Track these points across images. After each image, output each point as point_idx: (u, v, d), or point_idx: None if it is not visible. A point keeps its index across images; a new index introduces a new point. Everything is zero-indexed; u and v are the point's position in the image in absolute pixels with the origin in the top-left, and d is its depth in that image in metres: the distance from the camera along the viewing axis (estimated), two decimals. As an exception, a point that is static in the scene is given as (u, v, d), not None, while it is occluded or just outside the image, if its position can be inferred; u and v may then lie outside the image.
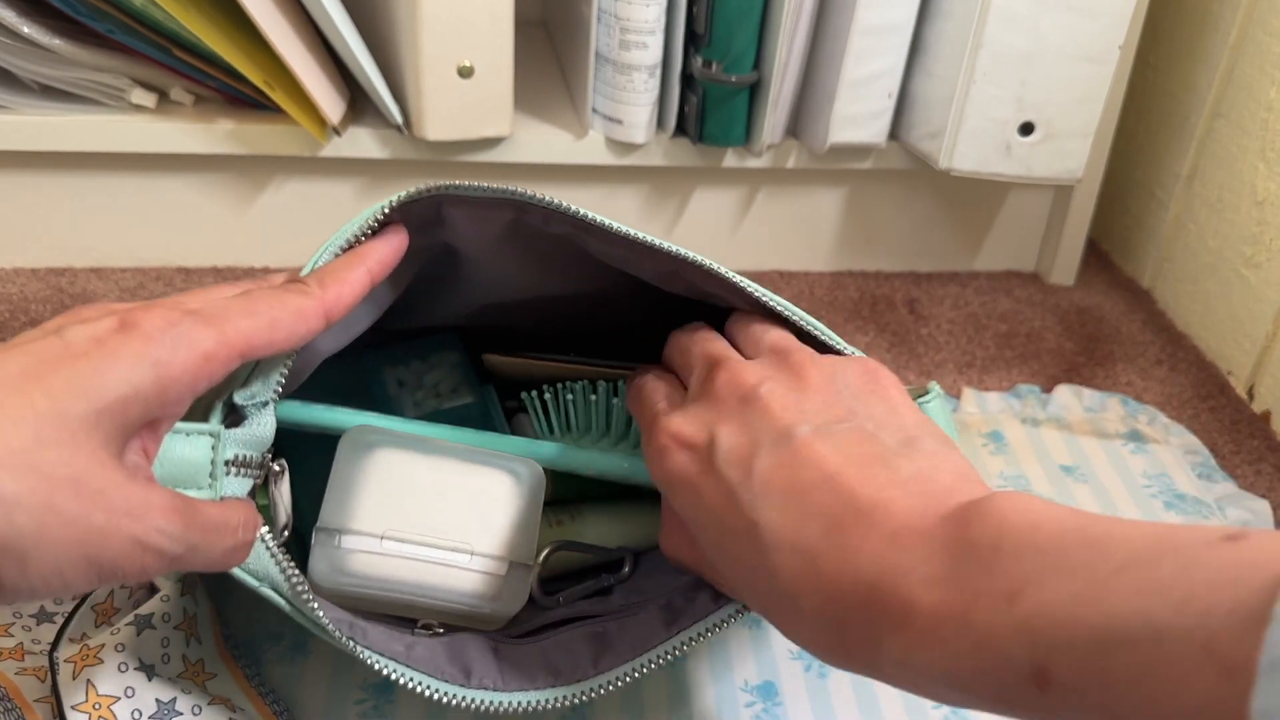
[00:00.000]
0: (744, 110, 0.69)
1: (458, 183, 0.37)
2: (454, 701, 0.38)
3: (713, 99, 0.68)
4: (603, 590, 0.45)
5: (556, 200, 0.38)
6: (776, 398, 0.35)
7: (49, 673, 0.39)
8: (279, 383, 0.35)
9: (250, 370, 0.35)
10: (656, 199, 0.76)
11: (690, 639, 0.39)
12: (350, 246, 0.37)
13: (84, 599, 0.41)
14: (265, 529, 0.36)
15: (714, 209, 0.77)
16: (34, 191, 0.69)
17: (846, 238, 0.79)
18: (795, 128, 0.73)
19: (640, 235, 0.38)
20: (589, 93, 0.69)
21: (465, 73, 0.64)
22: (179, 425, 0.33)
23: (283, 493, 0.37)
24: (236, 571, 0.35)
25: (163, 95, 0.68)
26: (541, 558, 0.43)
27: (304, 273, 0.36)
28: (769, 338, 0.39)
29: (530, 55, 0.80)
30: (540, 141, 0.70)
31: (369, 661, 0.37)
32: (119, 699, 0.39)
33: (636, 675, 0.39)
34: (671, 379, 0.41)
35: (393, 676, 0.38)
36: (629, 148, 0.71)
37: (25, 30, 0.62)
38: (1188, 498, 0.59)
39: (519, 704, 0.38)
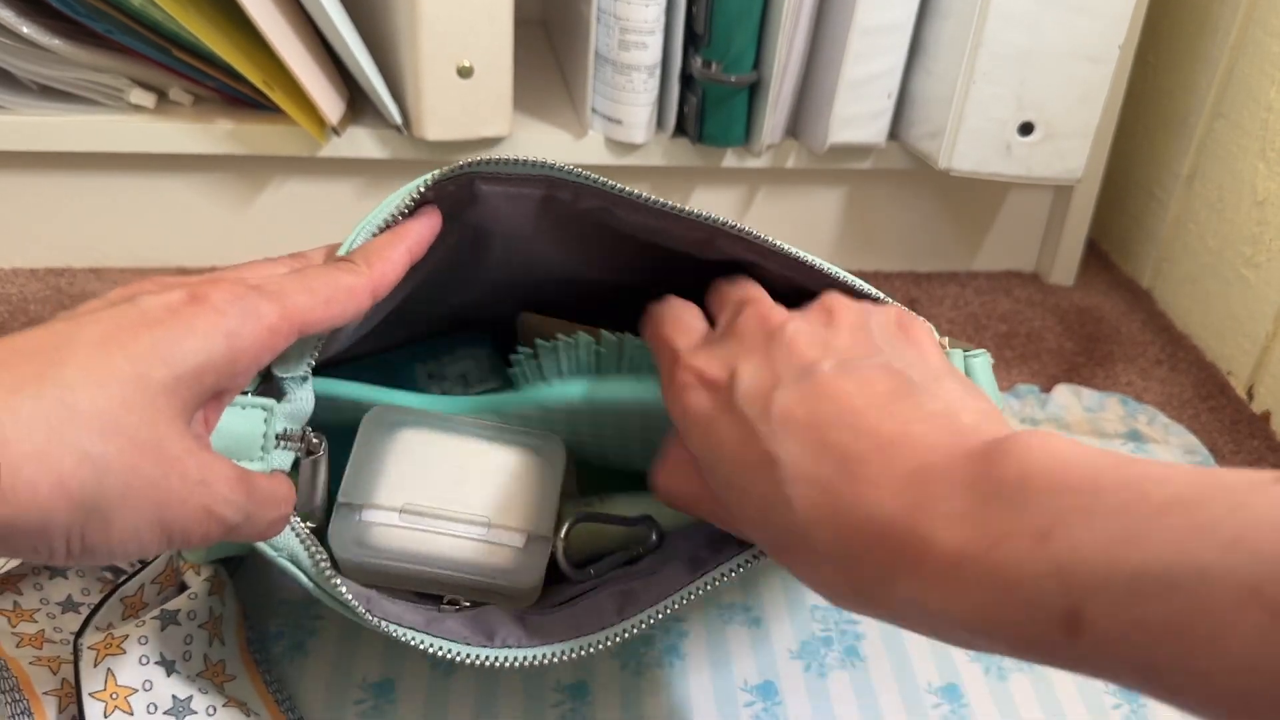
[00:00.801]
0: (743, 110, 0.69)
1: (489, 158, 0.37)
2: (473, 660, 0.38)
3: (712, 99, 0.68)
4: (632, 560, 0.44)
5: (586, 173, 0.38)
6: (803, 334, 0.34)
7: (72, 657, 0.39)
8: (312, 357, 0.36)
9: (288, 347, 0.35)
10: (656, 199, 0.76)
11: (712, 580, 0.38)
12: (387, 226, 0.37)
13: (113, 590, 0.41)
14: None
15: (714, 209, 0.76)
16: (33, 191, 0.69)
17: (846, 238, 0.79)
18: (795, 128, 0.73)
19: (670, 204, 0.39)
20: (588, 93, 0.69)
21: (465, 73, 0.64)
22: (228, 412, 0.33)
23: (320, 471, 0.38)
24: (259, 544, 0.36)
25: (162, 95, 0.68)
26: (565, 530, 0.43)
27: (342, 251, 0.36)
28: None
29: (530, 55, 0.80)
30: (540, 141, 0.70)
31: (391, 632, 0.37)
32: (136, 691, 0.39)
33: (659, 618, 0.38)
34: (694, 308, 0.40)
35: (413, 643, 0.37)
36: (628, 148, 0.71)
37: (24, 30, 0.62)
38: (1188, 498, 0.59)
39: (538, 657, 0.38)
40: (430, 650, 0.38)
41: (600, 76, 0.68)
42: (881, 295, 0.39)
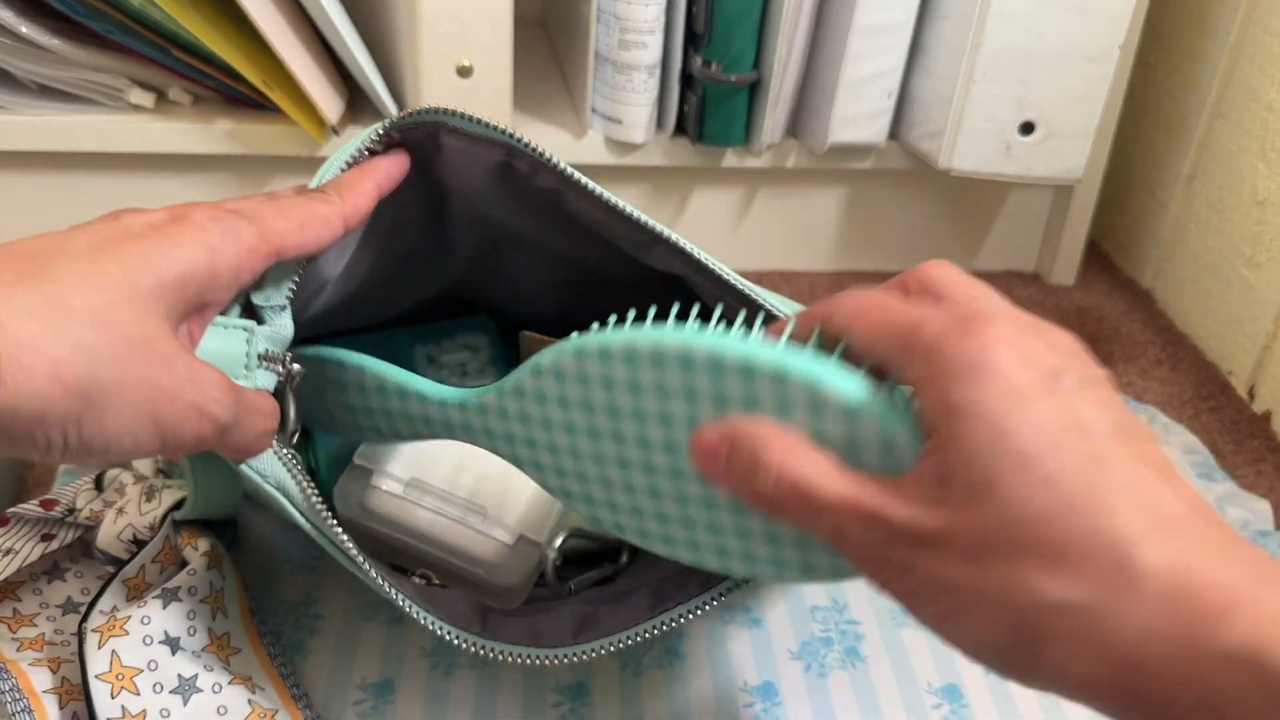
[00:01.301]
0: (744, 110, 0.69)
1: (456, 110, 0.39)
2: (439, 631, 0.39)
3: (712, 98, 0.68)
4: (606, 579, 0.45)
5: (544, 151, 0.39)
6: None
7: (77, 644, 0.40)
8: (291, 288, 0.37)
9: (264, 275, 0.37)
10: (656, 199, 0.75)
11: (670, 620, 0.39)
12: (353, 162, 0.39)
13: (115, 574, 0.42)
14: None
15: (714, 209, 0.77)
16: (32, 191, 0.69)
17: (847, 238, 0.79)
18: (795, 127, 0.73)
19: (618, 202, 0.39)
20: (588, 92, 0.69)
21: (464, 72, 0.64)
22: (218, 319, 0.35)
23: (291, 398, 0.39)
24: (246, 468, 0.37)
25: (161, 95, 0.68)
26: (559, 542, 0.44)
27: (313, 185, 0.38)
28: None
29: (529, 55, 0.80)
30: (539, 141, 0.70)
31: (369, 574, 0.38)
32: (142, 671, 0.40)
33: (611, 650, 0.39)
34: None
35: (380, 585, 0.38)
36: (628, 147, 0.71)
37: (23, 30, 0.62)
38: (1188, 498, 0.59)
39: (491, 649, 0.39)
40: (393, 597, 0.38)
41: (600, 76, 0.68)
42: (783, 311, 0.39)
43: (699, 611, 0.39)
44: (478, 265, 0.49)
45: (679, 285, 0.43)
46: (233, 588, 0.44)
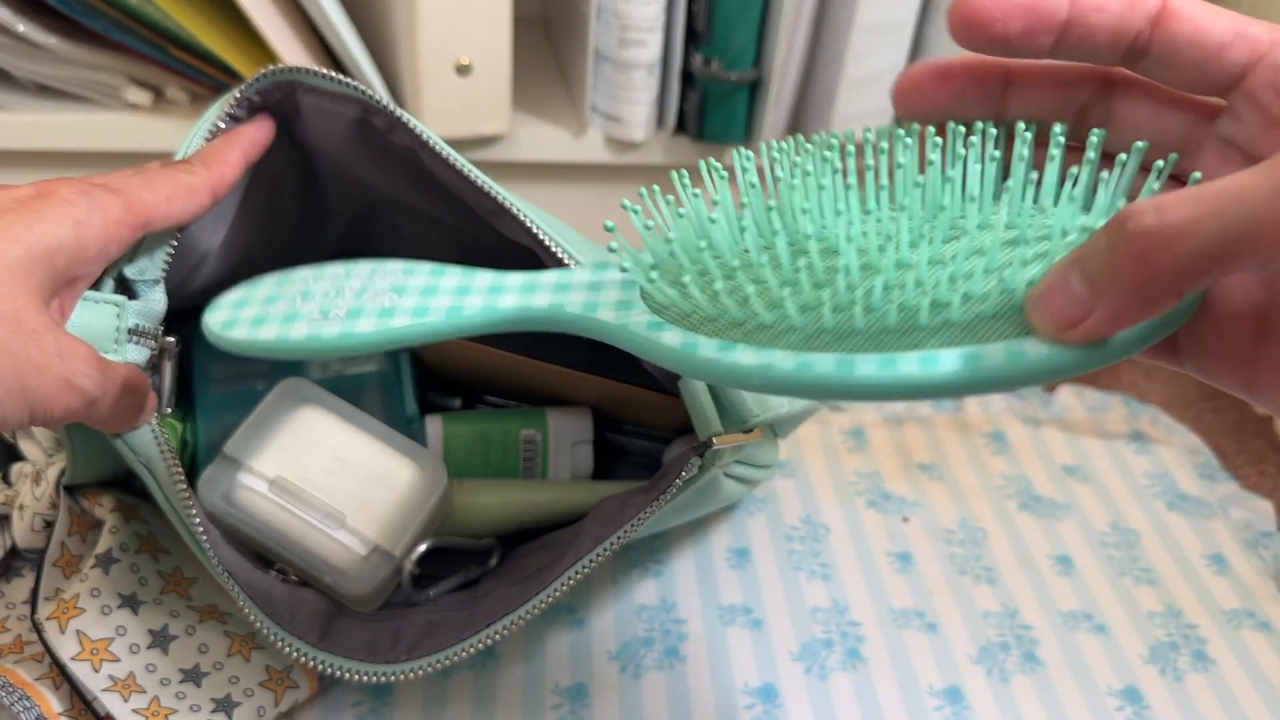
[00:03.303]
0: (744, 108, 0.69)
1: (308, 68, 0.39)
2: (269, 636, 0.38)
3: (713, 96, 0.68)
4: (471, 583, 0.45)
5: (397, 109, 0.39)
6: None
7: (37, 635, 0.40)
8: (165, 262, 0.38)
9: (137, 248, 0.37)
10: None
11: (490, 635, 0.38)
12: (215, 134, 0.39)
13: (40, 562, 0.42)
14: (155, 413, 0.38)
15: (714, 207, 0.76)
16: (30, 190, 0.69)
17: (847, 236, 0.79)
18: (796, 125, 0.72)
19: (465, 166, 0.40)
20: (588, 90, 0.69)
21: (463, 70, 0.64)
22: (88, 294, 0.35)
23: (167, 372, 0.39)
24: (119, 441, 0.37)
25: (158, 93, 0.67)
26: (416, 554, 0.43)
27: (178, 157, 0.39)
28: None
29: (529, 53, 0.80)
30: (539, 139, 0.70)
31: (220, 578, 0.38)
32: (113, 639, 0.40)
33: (439, 665, 0.38)
34: None
35: (231, 593, 0.38)
36: (628, 146, 0.70)
37: (20, 28, 0.61)
38: (1190, 498, 0.59)
39: (322, 662, 0.38)
40: (240, 603, 0.38)
41: (600, 74, 0.68)
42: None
43: (513, 627, 0.39)
44: (359, 229, 0.49)
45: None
46: (159, 524, 0.45)
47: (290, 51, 0.62)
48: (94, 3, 0.61)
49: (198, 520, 0.38)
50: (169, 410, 0.39)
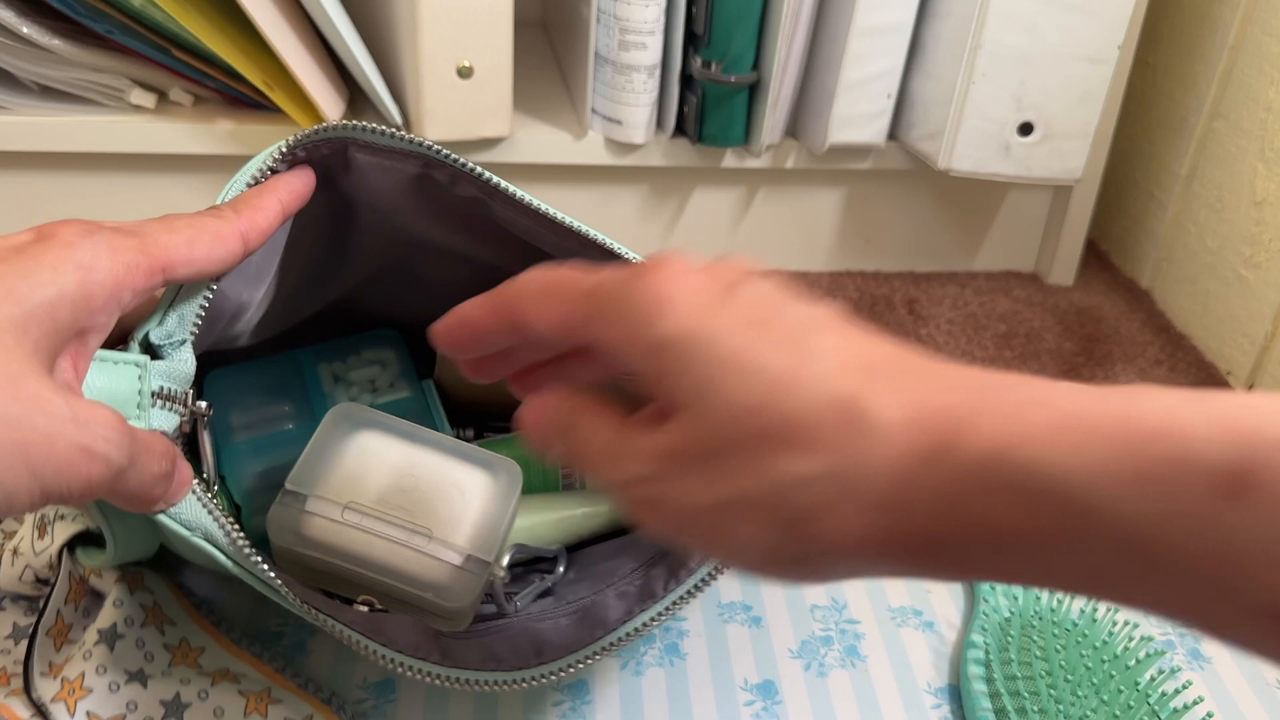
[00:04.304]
0: (743, 110, 0.69)
1: (363, 124, 0.37)
2: (388, 663, 0.37)
3: (712, 99, 0.68)
4: (546, 593, 0.44)
5: (464, 160, 0.38)
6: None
7: (39, 713, 0.38)
8: (195, 323, 0.35)
9: (165, 308, 0.34)
10: (655, 199, 0.76)
11: (610, 642, 0.38)
12: (255, 182, 0.36)
13: (35, 626, 0.40)
14: (196, 480, 0.35)
15: (713, 209, 0.77)
16: (34, 191, 0.69)
17: (846, 238, 0.79)
18: (794, 128, 0.73)
19: (544, 207, 0.38)
20: (588, 93, 0.69)
21: (465, 73, 0.64)
22: (104, 354, 0.32)
23: (206, 441, 0.37)
24: (166, 519, 0.34)
25: (162, 96, 0.68)
26: (507, 560, 0.42)
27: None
28: None
29: (530, 56, 0.80)
30: (539, 142, 0.70)
31: (310, 614, 0.36)
32: (125, 715, 0.39)
33: (570, 671, 0.38)
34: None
35: (324, 626, 0.36)
36: (628, 148, 0.71)
37: (25, 30, 0.62)
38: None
39: (457, 678, 0.37)
40: (336, 631, 0.36)
41: (600, 77, 0.68)
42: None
43: (642, 629, 0.38)
44: (379, 275, 0.47)
45: None
46: (166, 594, 0.43)
47: (293, 54, 0.62)
48: (98, 5, 0.61)
49: (274, 575, 0.35)
50: (216, 486, 0.37)
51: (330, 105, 0.65)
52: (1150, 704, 0.43)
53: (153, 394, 0.33)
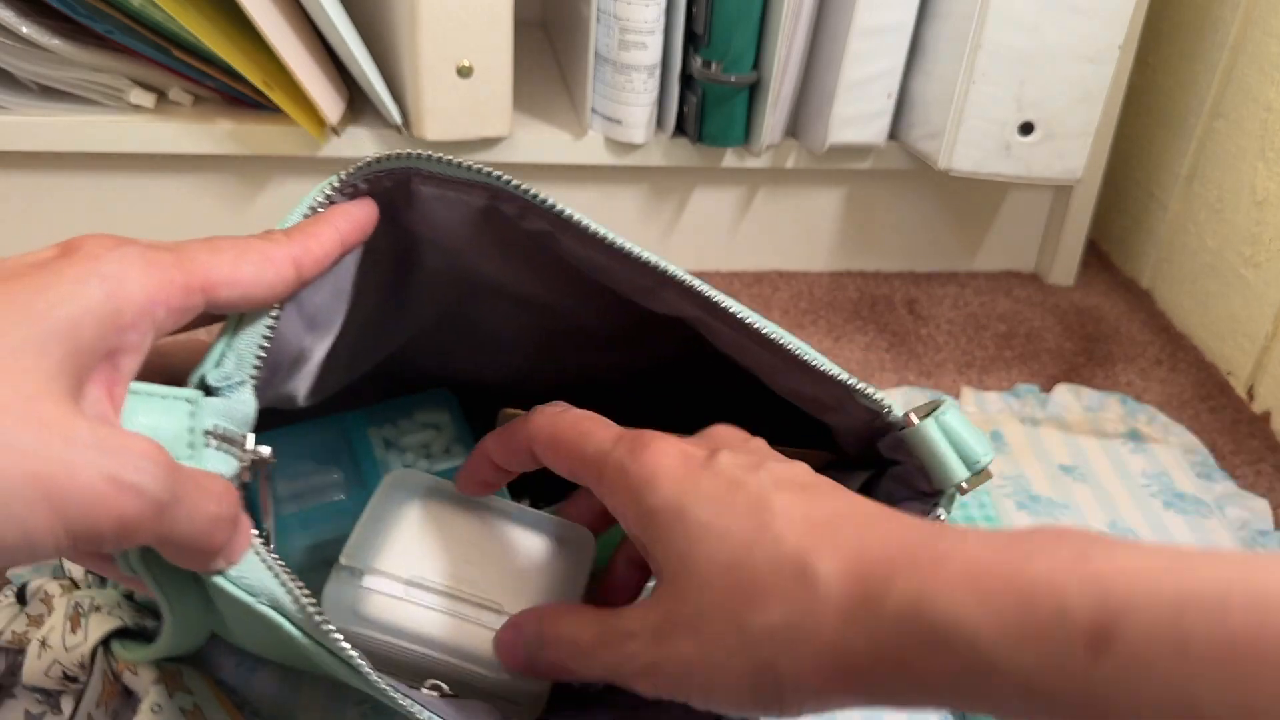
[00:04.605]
0: (743, 110, 0.69)
1: (431, 154, 0.34)
2: None
3: (712, 99, 0.68)
4: None
5: (534, 191, 0.35)
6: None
7: None
8: (255, 364, 0.31)
9: (223, 348, 0.31)
10: (655, 199, 0.76)
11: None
12: (313, 212, 0.34)
13: None
14: (256, 534, 0.30)
15: (713, 209, 0.77)
16: (33, 191, 0.69)
17: (846, 238, 0.79)
18: (795, 128, 0.73)
19: (620, 242, 0.35)
20: (588, 93, 0.69)
21: (464, 72, 0.64)
22: (149, 387, 0.28)
23: (267, 493, 0.35)
24: (228, 585, 0.30)
25: (161, 95, 0.68)
26: None
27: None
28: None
29: (529, 55, 0.80)
30: (539, 141, 0.70)
31: (393, 698, 0.31)
32: None
33: None
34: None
35: (421, 715, 0.32)
36: (628, 148, 0.71)
37: (24, 30, 0.62)
38: (1187, 497, 0.59)
39: None
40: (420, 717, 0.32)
41: (600, 76, 0.68)
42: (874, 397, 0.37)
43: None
44: (437, 326, 0.44)
45: (660, 336, 0.39)
46: (206, 694, 0.39)
47: (292, 53, 0.62)
48: (97, 5, 0.61)
49: (353, 650, 0.31)
50: (269, 536, 0.32)
51: (330, 105, 0.65)
52: None
53: (206, 432, 0.29)
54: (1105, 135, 0.74)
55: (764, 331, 0.36)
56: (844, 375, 0.36)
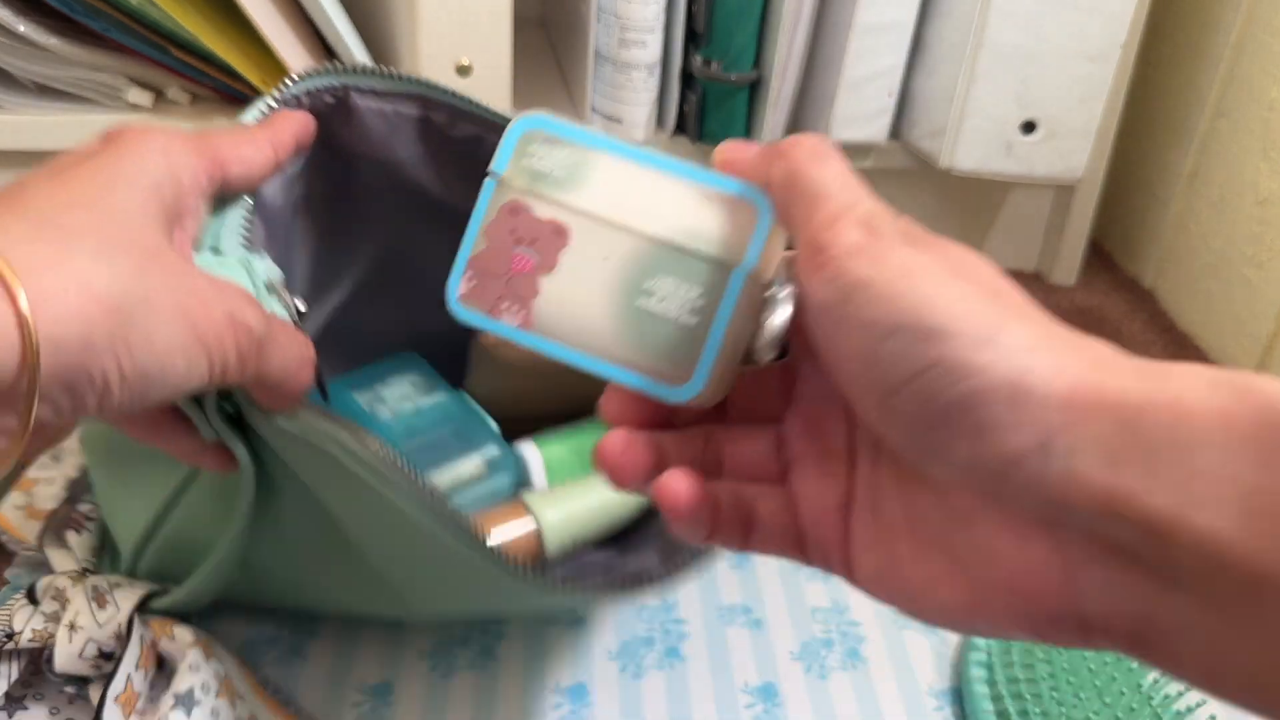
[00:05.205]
0: (744, 109, 0.69)
1: (363, 66, 0.36)
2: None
3: (712, 97, 0.68)
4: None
5: (460, 94, 0.37)
6: None
7: None
8: (243, 231, 0.34)
9: (218, 229, 0.33)
10: (656, 198, 0.75)
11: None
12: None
13: (103, 696, 0.38)
14: None
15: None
16: (30, 191, 0.69)
17: (847, 237, 0.79)
18: (796, 126, 0.72)
19: None
20: (588, 91, 0.69)
21: (464, 71, 0.64)
22: (206, 258, 0.31)
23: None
24: (300, 428, 0.32)
25: (159, 94, 0.67)
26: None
27: None
28: None
29: (529, 54, 0.80)
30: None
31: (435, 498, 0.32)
32: None
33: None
34: None
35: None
36: (628, 147, 0.71)
37: (21, 29, 0.61)
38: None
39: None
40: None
41: (600, 75, 0.68)
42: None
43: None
44: (379, 275, 0.46)
45: None
46: (234, 667, 0.41)
47: (291, 52, 0.62)
48: (95, 3, 0.61)
49: (412, 470, 0.32)
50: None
51: (328, 104, 0.65)
52: (1153, 706, 0.42)
53: (265, 285, 0.32)
54: (1107, 134, 0.74)
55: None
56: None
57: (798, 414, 0.29)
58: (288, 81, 0.36)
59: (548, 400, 0.50)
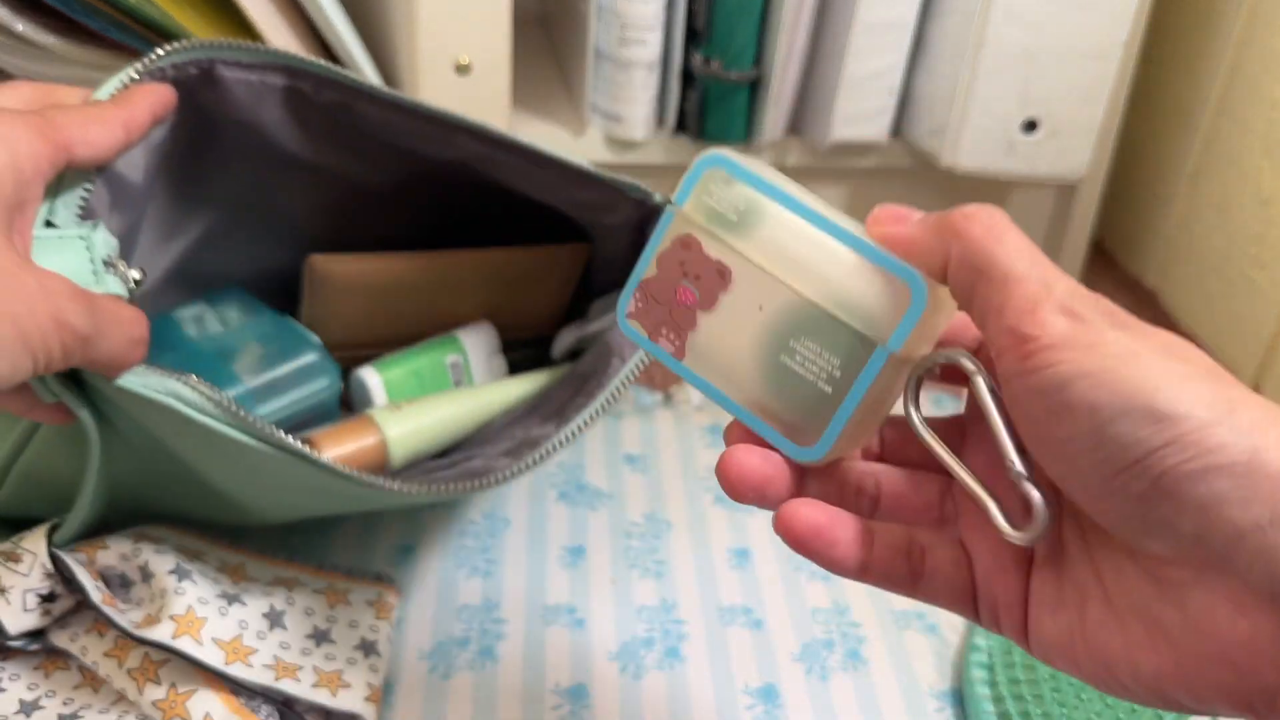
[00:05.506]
0: (744, 107, 0.68)
1: (226, 41, 0.38)
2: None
3: (713, 96, 0.67)
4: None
5: (325, 64, 0.38)
6: None
7: (170, 654, 0.39)
8: (80, 204, 0.35)
9: (56, 191, 0.34)
10: (656, 197, 0.75)
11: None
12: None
13: (81, 603, 0.40)
14: None
15: (714, 207, 0.76)
16: (29, 190, 0.69)
17: (848, 236, 0.79)
18: (796, 125, 0.72)
19: (409, 98, 0.39)
20: (588, 89, 0.68)
21: (463, 70, 0.64)
22: (45, 232, 0.32)
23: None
24: (134, 385, 0.34)
25: (158, 93, 0.67)
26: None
27: None
28: None
29: (529, 52, 0.80)
30: (539, 138, 0.69)
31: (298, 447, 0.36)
32: (241, 635, 0.40)
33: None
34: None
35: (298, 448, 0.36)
36: (628, 145, 0.70)
37: (19, 28, 0.61)
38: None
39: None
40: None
41: (600, 73, 0.67)
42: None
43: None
44: (233, 222, 0.49)
45: (438, 186, 0.44)
46: (170, 534, 0.43)
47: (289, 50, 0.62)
48: (93, 2, 0.61)
49: (251, 416, 0.35)
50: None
51: (328, 102, 0.65)
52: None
53: (103, 261, 0.33)
54: (1109, 133, 0.73)
55: (550, 154, 0.42)
56: (617, 178, 0.42)
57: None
58: (154, 55, 0.38)
59: (377, 326, 0.54)
